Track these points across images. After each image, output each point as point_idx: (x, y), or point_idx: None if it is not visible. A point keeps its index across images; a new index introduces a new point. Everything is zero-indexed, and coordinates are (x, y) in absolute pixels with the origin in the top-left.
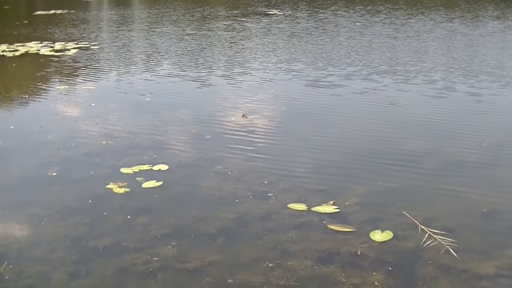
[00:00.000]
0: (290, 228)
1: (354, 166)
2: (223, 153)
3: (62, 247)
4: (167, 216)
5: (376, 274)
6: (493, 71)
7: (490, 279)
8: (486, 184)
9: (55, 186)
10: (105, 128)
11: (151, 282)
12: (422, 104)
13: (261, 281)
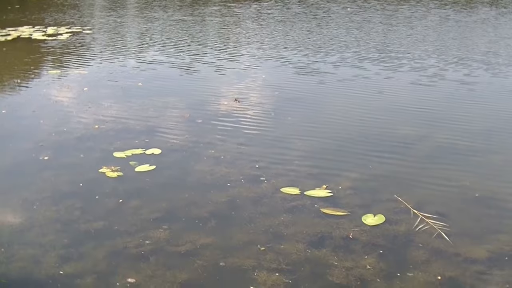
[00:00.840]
0: (283, 211)
1: (347, 151)
2: (216, 137)
3: (53, 231)
4: (160, 200)
5: (368, 257)
6: (485, 58)
7: (482, 263)
8: (478, 169)
9: (47, 170)
10: (97, 113)
11: (143, 265)
12: (414, 91)
13: (253, 264)
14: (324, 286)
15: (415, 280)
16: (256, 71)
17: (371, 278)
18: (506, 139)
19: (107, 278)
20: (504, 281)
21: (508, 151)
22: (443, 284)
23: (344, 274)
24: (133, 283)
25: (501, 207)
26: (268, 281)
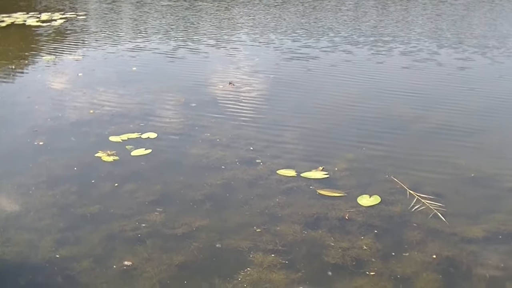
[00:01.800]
0: (278, 193)
1: (343, 133)
2: (211, 120)
3: (49, 215)
4: (156, 183)
5: (364, 238)
6: (480, 42)
7: (478, 242)
8: (473, 150)
9: (42, 155)
10: (92, 98)
11: (139, 248)
12: (409, 74)
13: (249, 246)
14: (320, 266)
15: (412, 260)
16: (250, 55)
17: (368, 258)
18: (501, 120)
19: (103, 261)
20: (500, 259)
21: (503, 132)
22: (440, 263)
23: (341, 254)
24: (130, 266)
25: (497, 187)
26: (265, 262)
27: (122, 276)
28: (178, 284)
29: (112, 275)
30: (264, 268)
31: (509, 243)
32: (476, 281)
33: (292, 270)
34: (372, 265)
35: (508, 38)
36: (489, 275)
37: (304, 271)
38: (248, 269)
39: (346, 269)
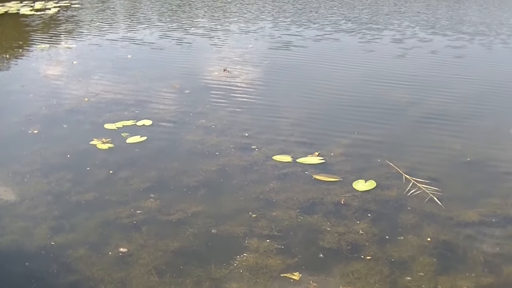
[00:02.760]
0: (274, 179)
1: (338, 118)
2: (206, 107)
3: (44, 203)
4: (151, 170)
5: (360, 222)
6: (475, 27)
7: (474, 226)
8: (469, 134)
9: (37, 143)
10: (87, 86)
11: (135, 235)
12: (404, 59)
13: (244, 231)
14: (316, 251)
15: (408, 244)
16: (245, 42)
17: (364, 243)
18: (496, 104)
19: (99, 248)
20: (496, 243)
21: (499, 116)
22: (436, 247)
23: (337, 239)
24: (125, 253)
25: (492, 171)
26: (261, 248)
27: (118, 262)
28: (174, 270)
29: (107, 262)
30: (260, 253)
31: (505, 227)
32: (472, 265)
33: (288, 255)
34: (368, 249)
35: (503, 25)
36: (485, 259)
37: (301, 256)
38: (244, 254)
39: (342, 254)
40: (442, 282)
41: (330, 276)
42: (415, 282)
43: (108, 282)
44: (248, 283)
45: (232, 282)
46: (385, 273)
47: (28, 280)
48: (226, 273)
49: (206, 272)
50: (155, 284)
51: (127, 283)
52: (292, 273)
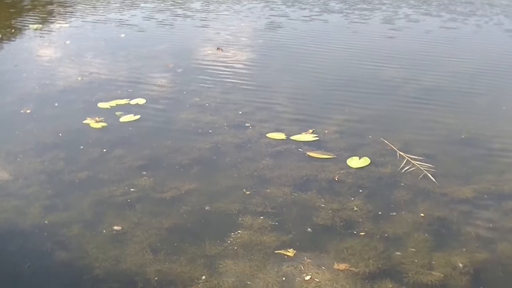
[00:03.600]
0: (268, 156)
1: (333, 95)
2: (200, 85)
3: (38, 182)
4: (144, 148)
5: (354, 199)
6: (467, 6)
7: (469, 203)
8: (464, 111)
9: (30, 122)
10: (80, 65)
11: (129, 213)
12: (398, 36)
13: (238, 208)
14: (311, 228)
15: (402, 221)
16: (238, 21)
17: (358, 219)
18: (491, 81)
19: (93, 227)
20: (490, 220)
21: (493, 93)
22: (430, 224)
23: (331, 216)
24: (119, 231)
25: (487, 148)
26: (255, 225)
27: (112, 240)
28: (168, 248)
29: (102, 240)
30: (254, 230)
31: (499, 203)
32: (467, 241)
33: (282, 232)
34: (362, 226)
35: (494, 2)
36: (479, 235)
37: (295, 233)
38: (238, 231)
39: (336, 230)
40: (437, 258)
41: (324, 252)
42: (409, 258)
43: (103, 260)
44: (243, 260)
45: (227, 259)
46: (379, 249)
47: (22, 259)
48: (220, 250)
49: (200, 249)
50: (149, 262)
51: (122, 261)
52: (286, 249)
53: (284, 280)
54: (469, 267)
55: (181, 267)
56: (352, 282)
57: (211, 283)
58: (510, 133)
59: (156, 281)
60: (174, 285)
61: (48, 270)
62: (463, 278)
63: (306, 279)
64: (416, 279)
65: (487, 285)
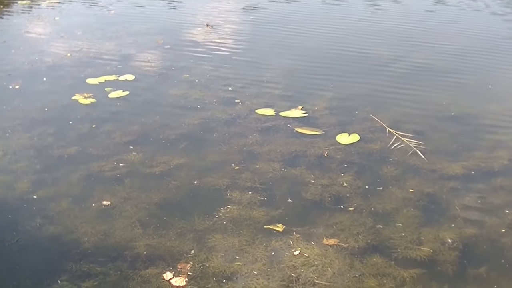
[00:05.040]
0: (257, 132)
1: (323, 72)
2: (190, 61)
3: (26, 157)
4: (133, 124)
5: (344, 175)
6: None
7: (458, 179)
8: (453, 89)
9: (18, 98)
10: (70, 41)
11: (118, 188)
12: (388, 15)
13: (227, 183)
14: (300, 203)
15: (392, 196)
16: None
17: (348, 195)
18: (481, 60)
19: (82, 201)
20: (480, 196)
21: (483, 71)
22: (420, 200)
23: (320, 191)
24: (108, 206)
25: (477, 125)
26: (244, 200)
27: (101, 215)
28: (158, 222)
29: (91, 215)
30: (243, 205)
31: (489, 180)
32: (456, 217)
33: (271, 207)
34: (351, 201)
35: None
36: (468, 211)
37: (284, 208)
38: (227, 206)
39: (325, 206)
40: (426, 233)
41: (313, 227)
42: (398, 234)
43: (92, 234)
44: (232, 234)
45: (216, 233)
46: (368, 225)
47: (10, 233)
48: (209, 224)
49: (189, 224)
50: (138, 236)
51: (110, 236)
52: (275, 225)
53: (273, 255)
54: (458, 242)
55: (170, 242)
56: (341, 257)
57: (200, 257)
58: (499, 111)
59: (145, 255)
60: (163, 260)
61: (37, 245)
62: (452, 254)
63: (295, 254)
64: (405, 254)
65: (476, 261)
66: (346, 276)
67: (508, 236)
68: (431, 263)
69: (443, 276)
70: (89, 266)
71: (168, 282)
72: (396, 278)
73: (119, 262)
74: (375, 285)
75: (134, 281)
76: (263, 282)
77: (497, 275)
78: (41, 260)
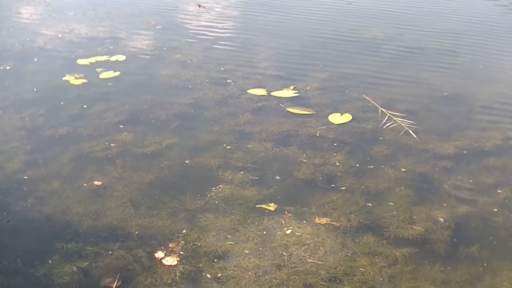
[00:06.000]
0: (249, 111)
1: (315, 53)
2: (182, 42)
3: (17, 138)
4: (125, 104)
5: (336, 154)
6: None
7: (450, 158)
8: (447, 70)
9: (8, 79)
10: (61, 22)
11: (109, 168)
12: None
13: (219, 163)
14: (292, 183)
15: (384, 176)
16: None
17: (340, 174)
18: (474, 40)
19: (73, 182)
20: (472, 175)
21: (476, 52)
22: (412, 179)
23: (312, 170)
24: (100, 186)
25: (469, 105)
26: (236, 179)
27: (93, 195)
28: (149, 202)
29: (82, 195)
30: (235, 185)
31: (481, 159)
32: (448, 196)
33: (263, 187)
34: (344, 180)
35: None
36: (461, 190)
37: (276, 187)
38: (219, 186)
39: (318, 185)
40: (418, 212)
41: (306, 206)
42: (391, 213)
43: (83, 214)
44: (224, 214)
45: (208, 213)
46: (360, 204)
47: (1, 214)
48: (201, 204)
49: (181, 203)
50: (130, 216)
51: (102, 216)
52: (267, 204)
53: (265, 234)
54: (450, 221)
55: (162, 221)
56: (333, 236)
57: (192, 237)
58: (491, 91)
59: (136, 235)
60: (154, 239)
61: (29, 225)
62: (444, 233)
63: (287, 233)
64: (397, 233)
65: (468, 239)
66: (338, 255)
67: (500, 215)
68: (423, 242)
69: (435, 255)
70: (80, 246)
71: (160, 262)
72: (388, 257)
73: (110, 242)
74: (367, 264)
75: (125, 261)
76: (254, 261)
77: (489, 253)
78: (32, 240)
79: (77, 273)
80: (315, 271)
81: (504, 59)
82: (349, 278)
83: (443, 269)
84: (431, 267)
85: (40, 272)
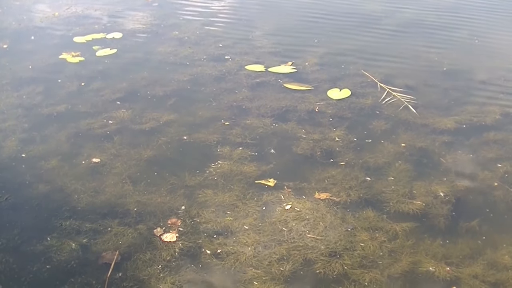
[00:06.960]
0: (247, 87)
1: (313, 29)
2: (180, 19)
3: (15, 116)
4: (122, 81)
5: (335, 130)
6: None
7: (450, 133)
8: (445, 45)
9: (6, 57)
10: (57, 0)
11: (107, 145)
12: None
13: (217, 139)
14: (291, 158)
15: (384, 151)
16: None
17: (339, 149)
18: (473, 16)
19: (71, 159)
20: (471, 149)
21: (475, 27)
22: (412, 154)
23: (311, 146)
24: (98, 163)
25: (469, 80)
26: (234, 155)
27: (91, 172)
28: (148, 179)
29: (80, 172)
30: (234, 160)
31: (481, 134)
32: (447, 171)
33: (262, 162)
34: (343, 155)
35: None
36: (460, 165)
37: (275, 163)
38: (218, 162)
39: (317, 160)
40: (418, 187)
41: (305, 182)
42: (390, 188)
43: (82, 191)
44: (223, 190)
45: (207, 189)
46: (360, 179)
47: (0, 192)
48: (200, 180)
49: (180, 180)
50: (129, 193)
51: (101, 192)
52: (267, 179)
53: (264, 210)
54: (450, 196)
55: (161, 198)
56: (333, 211)
57: (191, 213)
58: (491, 66)
59: (135, 211)
60: (153, 216)
61: (27, 203)
62: (444, 207)
63: (286, 208)
64: (397, 208)
65: (468, 214)
66: (337, 230)
67: (500, 190)
68: (424, 216)
69: (436, 230)
70: (79, 223)
71: (159, 238)
72: (389, 231)
73: (109, 218)
74: (367, 238)
75: (124, 237)
76: (254, 236)
77: (489, 228)
78: (31, 218)
79: (76, 250)
80: (315, 246)
81: (502, 34)
82: (349, 253)
83: (443, 244)
84: (431, 242)
85: (39, 249)
